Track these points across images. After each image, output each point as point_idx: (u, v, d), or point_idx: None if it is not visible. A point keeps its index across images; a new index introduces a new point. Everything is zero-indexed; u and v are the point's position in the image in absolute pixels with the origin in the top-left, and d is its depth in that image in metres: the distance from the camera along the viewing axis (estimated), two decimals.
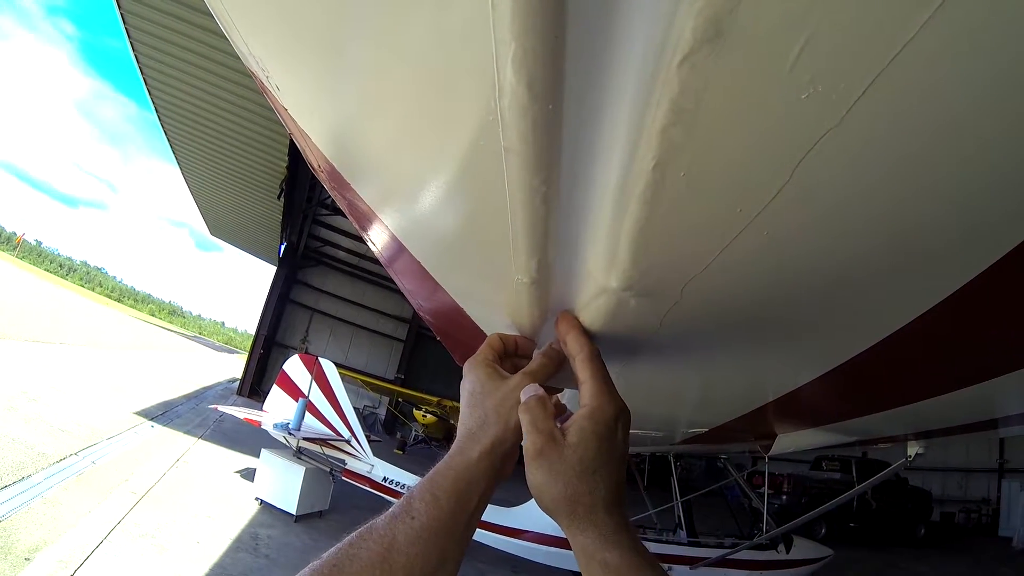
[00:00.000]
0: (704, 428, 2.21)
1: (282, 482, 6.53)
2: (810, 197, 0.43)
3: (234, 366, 36.21)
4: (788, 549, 5.93)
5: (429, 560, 0.54)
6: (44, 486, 5.06)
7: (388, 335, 20.61)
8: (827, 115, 0.35)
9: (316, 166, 0.92)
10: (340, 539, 0.55)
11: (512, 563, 6.06)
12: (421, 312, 1.50)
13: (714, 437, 2.52)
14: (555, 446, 0.57)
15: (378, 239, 1.03)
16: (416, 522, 0.56)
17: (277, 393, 7.62)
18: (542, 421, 0.59)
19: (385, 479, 6.50)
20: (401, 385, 17.77)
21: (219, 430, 10.61)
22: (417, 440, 15.11)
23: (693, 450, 4.82)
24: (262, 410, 7.86)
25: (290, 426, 6.64)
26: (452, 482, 0.60)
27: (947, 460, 16.30)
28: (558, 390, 0.77)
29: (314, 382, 7.24)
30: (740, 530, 6.48)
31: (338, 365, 7.79)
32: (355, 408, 7.39)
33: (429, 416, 14.58)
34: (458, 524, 0.58)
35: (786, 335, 0.76)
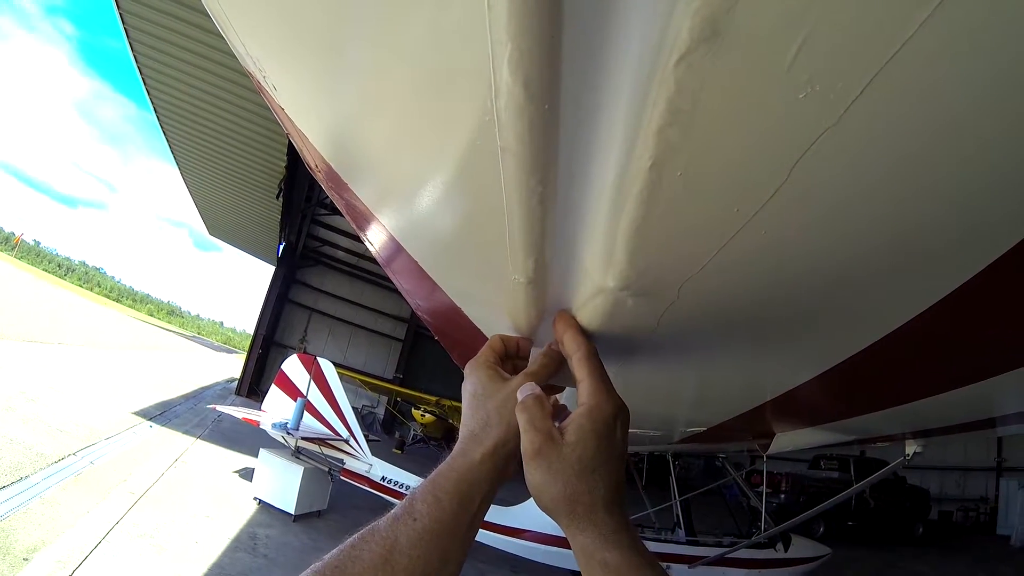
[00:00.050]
0: (702, 427, 2.21)
1: (281, 482, 6.52)
2: (808, 197, 0.43)
3: (233, 366, 36.20)
4: (786, 548, 5.94)
5: (431, 561, 0.54)
6: (42, 486, 5.05)
7: (386, 335, 20.60)
8: (825, 115, 0.35)
9: (313, 166, 0.92)
10: (339, 539, 0.55)
11: (512, 563, 6.06)
12: (419, 312, 1.50)
13: (712, 436, 2.52)
14: (553, 445, 0.57)
15: (376, 239, 1.03)
16: (418, 523, 0.55)
17: (276, 393, 7.62)
18: (539, 420, 0.59)
19: (384, 479, 6.50)
20: (399, 385, 17.76)
21: (218, 430, 10.60)
22: (416, 440, 15.11)
23: (691, 449, 4.83)
24: (261, 410, 7.85)
25: (288, 426, 6.64)
26: (454, 483, 0.59)
27: (945, 459, 16.34)
28: (558, 390, 0.77)
29: (312, 382, 7.24)
30: (738, 529, 6.49)
31: (336, 365, 7.79)
32: (353, 408, 7.40)
33: (428, 416, 14.56)
34: (460, 525, 0.58)
35: (784, 335, 0.76)
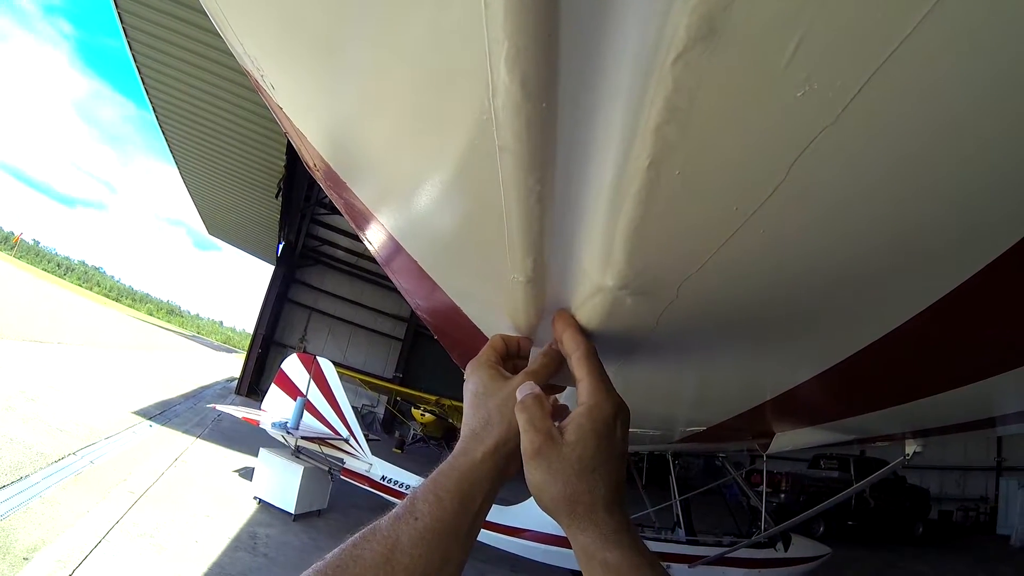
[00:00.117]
0: (702, 427, 2.21)
1: (280, 481, 6.52)
2: (807, 196, 0.43)
3: (232, 365, 36.20)
4: (786, 547, 5.93)
5: (432, 561, 0.54)
6: (42, 486, 5.05)
7: (386, 334, 20.59)
8: (823, 113, 0.35)
9: (312, 165, 0.92)
10: (339, 538, 0.55)
11: (511, 562, 6.06)
12: (419, 311, 1.50)
13: (712, 436, 2.51)
14: (553, 445, 0.57)
15: (375, 239, 1.03)
16: (419, 523, 0.55)
17: (275, 392, 7.62)
18: (539, 420, 0.59)
19: (384, 478, 6.50)
20: (399, 384, 17.73)
21: (217, 429, 10.59)
22: (416, 439, 15.10)
23: (691, 449, 4.82)
24: (260, 409, 7.85)
25: (288, 425, 6.63)
26: (456, 483, 0.59)
27: (945, 458, 16.34)
28: (558, 389, 0.77)
29: (312, 381, 7.24)
30: (738, 528, 6.49)
31: (336, 364, 7.79)
32: (353, 407, 7.40)
33: (428, 415, 14.55)
34: (462, 525, 0.58)
35: (783, 334, 0.76)
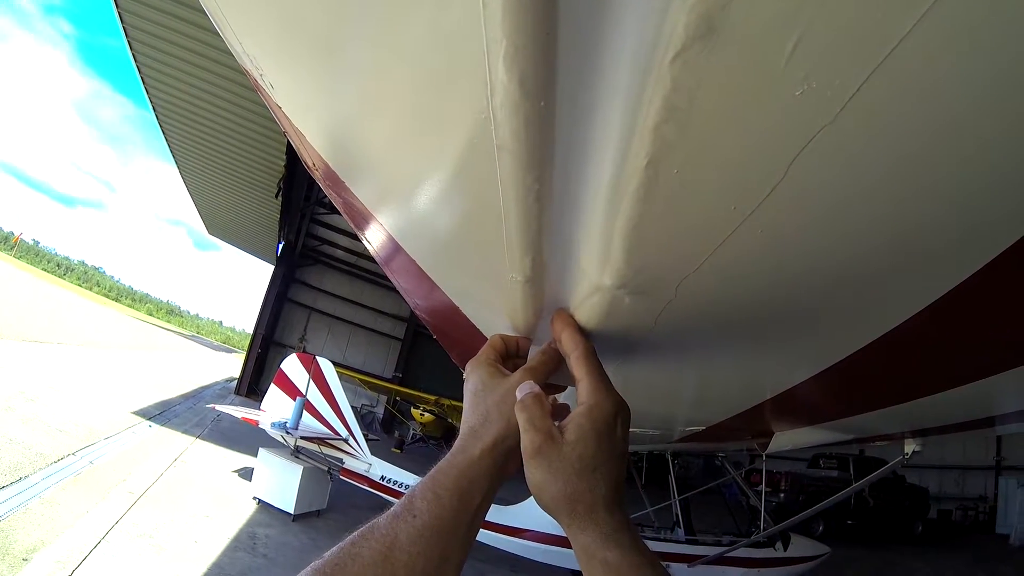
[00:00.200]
0: (701, 426, 2.21)
1: (280, 481, 6.51)
2: (806, 195, 0.43)
3: (232, 365, 36.19)
4: (786, 547, 5.94)
5: (431, 559, 0.54)
6: (42, 486, 5.04)
7: (386, 334, 20.59)
8: (822, 112, 0.35)
9: (311, 165, 0.91)
10: (339, 538, 0.55)
11: (511, 562, 6.06)
12: (418, 311, 1.50)
13: (711, 435, 2.52)
14: (553, 444, 0.57)
15: (374, 238, 1.03)
16: (418, 520, 0.55)
17: (275, 392, 7.61)
18: (539, 419, 0.59)
19: (383, 478, 6.50)
20: (399, 384, 17.72)
21: (217, 429, 10.58)
22: (415, 439, 15.11)
23: (691, 448, 4.83)
24: (260, 409, 7.85)
25: (288, 425, 6.63)
26: (454, 480, 0.59)
27: (944, 457, 16.35)
28: (558, 389, 0.77)
29: (312, 381, 7.23)
30: (738, 528, 6.49)
31: (336, 364, 7.78)
32: (353, 407, 7.39)
33: (427, 415, 14.56)
34: (460, 523, 0.57)
35: (783, 333, 0.76)
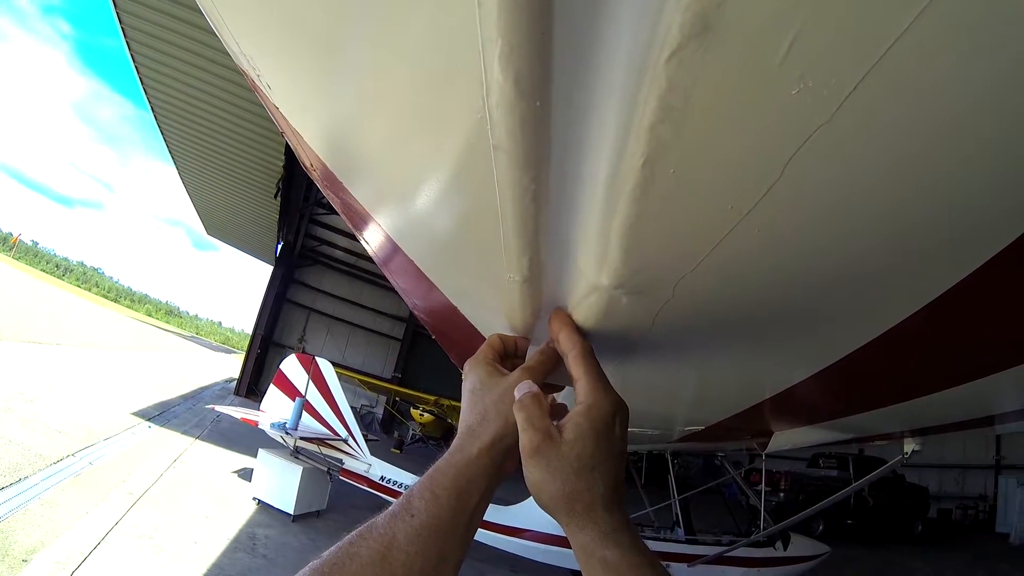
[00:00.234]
0: (700, 426, 2.21)
1: (280, 482, 6.51)
2: (802, 195, 0.43)
3: (231, 366, 36.17)
4: (785, 546, 5.94)
5: (429, 558, 0.54)
6: (41, 487, 5.04)
7: (385, 334, 20.58)
8: (818, 111, 0.35)
9: (309, 165, 0.91)
10: (338, 538, 0.55)
11: (511, 562, 6.06)
12: (417, 312, 1.50)
13: (711, 435, 2.52)
14: (552, 443, 0.57)
15: (372, 239, 1.03)
16: (416, 520, 0.55)
17: (274, 393, 7.60)
18: (537, 418, 0.59)
19: (383, 478, 6.49)
20: (398, 384, 17.74)
21: (216, 430, 10.58)
22: (415, 439, 15.11)
23: (690, 448, 4.83)
24: (259, 410, 7.84)
25: (287, 426, 6.63)
26: (452, 479, 0.59)
27: (944, 457, 16.38)
28: (557, 389, 0.76)
29: (311, 382, 7.23)
30: (738, 527, 6.49)
31: (335, 364, 7.78)
32: (352, 407, 7.39)
33: (426, 415, 14.56)
34: (458, 522, 0.57)
35: (781, 333, 0.76)
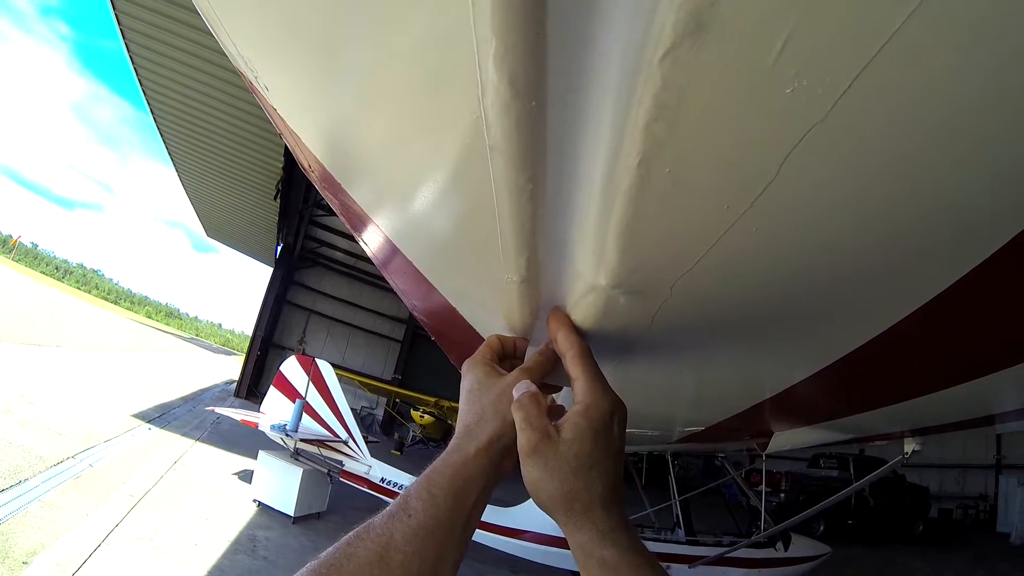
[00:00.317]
0: (700, 426, 2.21)
1: (280, 484, 6.51)
2: (798, 194, 0.43)
3: (231, 368, 36.15)
4: (786, 547, 5.93)
5: (427, 558, 0.54)
6: (41, 489, 5.03)
7: (385, 336, 20.56)
8: (813, 110, 0.35)
9: (307, 167, 0.91)
10: (338, 540, 0.55)
11: (511, 563, 6.05)
12: (416, 313, 1.50)
13: (710, 436, 2.51)
14: (550, 443, 0.57)
15: (371, 240, 1.03)
16: (413, 520, 0.55)
17: (274, 395, 7.59)
18: (535, 418, 0.59)
19: (383, 480, 6.49)
20: (398, 386, 17.73)
21: (216, 432, 10.57)
22: (415, 441, 15.09)
23: (690, 449, 4.83)
24: (259, 412, 7.83)
25: (287, 427, 6.62)
26: (449, 480, 0.59)
27: (944, 456, 16.36)
28: (555, 389, 0.76)
29: (311, 383, 7.22)
30: (738, 528, 6.49)
31: (335, 366, 7.76)
32: (352, 409, 7.38)
33: (427, 417, 14.56)
34: (456, 522, 0.57)
35: (779, 332, 0.76)
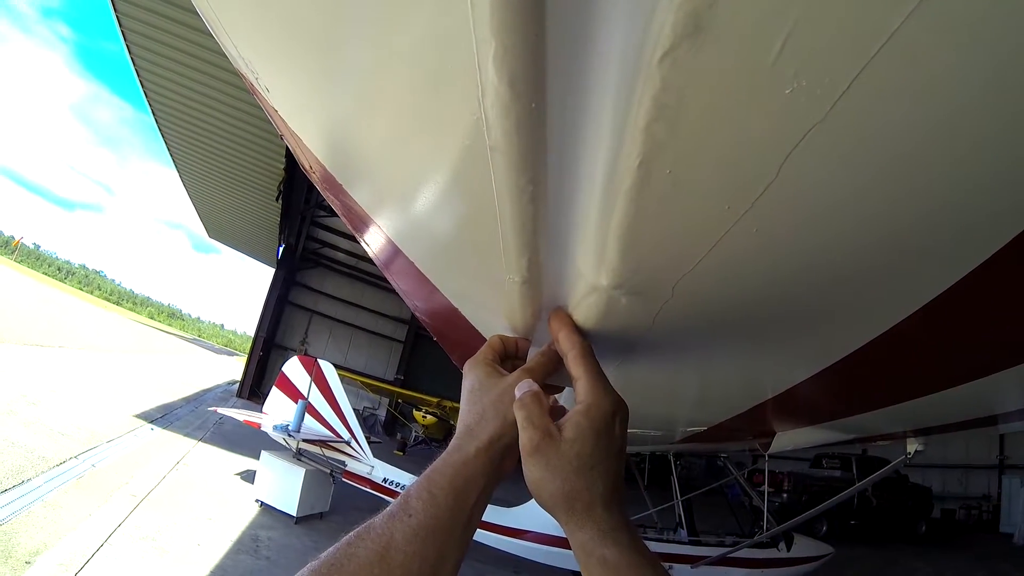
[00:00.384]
0: (702, 427, 2.21)
1: (282, 484, 6.52)
2: (799, 194, 0.43)
3: (234, 368, 36.18)
4: (789, 547, 5.93)
5: (427, 558, 0.54)
6: (44, 489, 5.05)
7: (387, 336, 20.55)
8: (812, 110, 0.35)
9: (308, 168, 0.92)
10: (340, 540, 0.55)
11: (513, 563, 6.05)
12: (418, 314, 1.50)
13: (713, 436, 2.52)
14: (551, 442, 0.57)
15: (372, 241, 1.03)
16: (413, 520, 0.55)
17: (276, 395, 7.61)
18: (537, 417, 0.59)
19: (385, 480, 6.49)
20: (400, 386, 17.73)
21: (219, 432, 10.59)
22: (417, 441, 15.10)
23: (693, 449, 4.82)
24: (262, 412, 7.84)
25: (290, 428, 6.63)
26: (449, 479, 0.59)
27: (947, 457, 16.32)
28: (557, 390, 0.76)
29: (313, 384, 7.23)
30: (741, 528, 6.48)
31: (337, 367, 7.78)
32: (355, 409, 7.39)
33: (429, 417, 14.57)
34: (457, 522, 0.57)
35: (781, 333, 0.76)
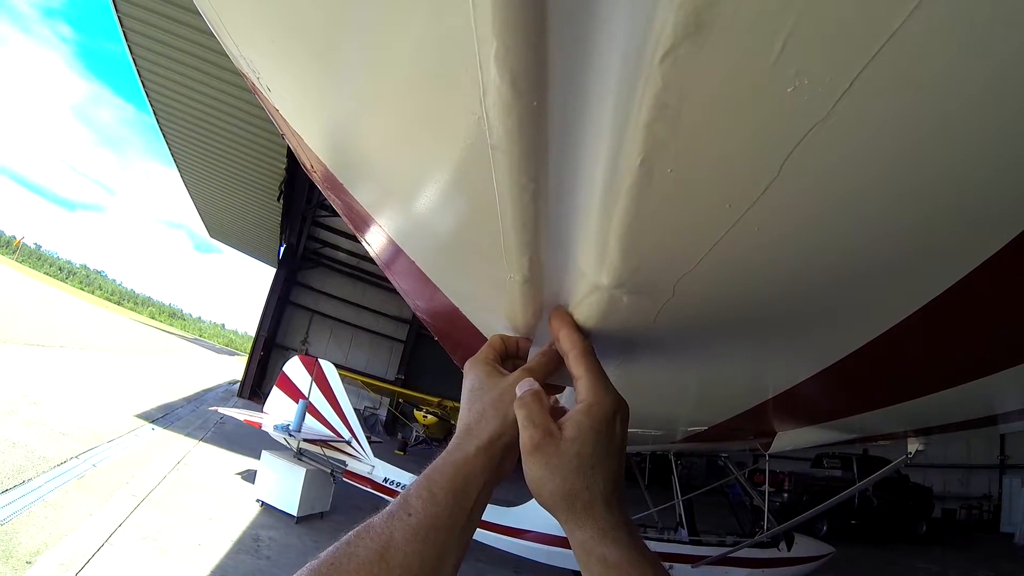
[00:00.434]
0: (703, 426, 2.21)
1: (283, 484, 6.52)
2: (800, 193, 0.43)
3: (234, 368, 36.19)
4: (789, 547, 5.92)
5: (427, 557, 0.54)
6: (45, 489, 5.06)
7: (388, 336, 20.56)
8: (814, 109, 0.35)
9: (309, 167, 0.92)
10: (339, 539, 0.55)
11: (514, 563, 6.05)
12: (419, 313, 1.50)
13: (714, 435, 2.51)
14: (552, 441, 0.57)
15: (374, 241, 1.03)
16: (413, 519, 0.55)
17: (277, 395, 7.61)
18: (538, 416, 0.59)
19: (386, 480, 6.50)
20: (402, 386, 17.73)
21: (220, 432, 10.60)
22: (418, 441, 15.11)
23: (693, 448, 4.82)
24: (262, 412, 7.85)
25: (291, 428, 6.63)
26: (449, 479, 0.59)
27: (948, 456, 16.31)
28: (558, 390, 0.76)
29: (314, 383, 7.23)
30: (741, 528, 6.49)
31: (338, 366, 7.79)
32: (356, 409, 7.39)
33: (430, 417, 14.58)
34: (456, 521, 0.57)
35: (782, 332, 0.76)
